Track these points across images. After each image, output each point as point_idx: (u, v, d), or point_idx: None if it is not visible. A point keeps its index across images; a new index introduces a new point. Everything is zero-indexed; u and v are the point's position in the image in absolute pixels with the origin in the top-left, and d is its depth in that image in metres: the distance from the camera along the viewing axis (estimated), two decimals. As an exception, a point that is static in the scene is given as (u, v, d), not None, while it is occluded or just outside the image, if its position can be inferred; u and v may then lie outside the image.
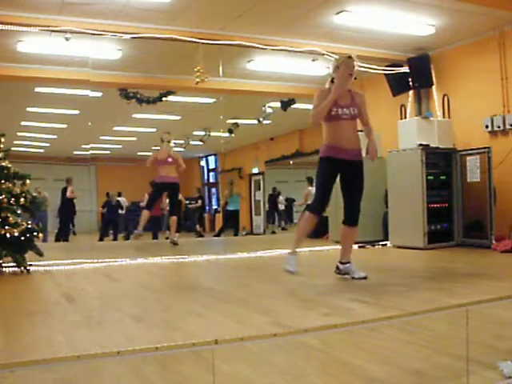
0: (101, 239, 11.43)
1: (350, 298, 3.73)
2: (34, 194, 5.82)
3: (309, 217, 4.46)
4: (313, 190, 11.24)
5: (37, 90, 9.22)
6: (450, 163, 7.33)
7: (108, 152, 14.51)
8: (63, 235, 10.90)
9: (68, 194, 10.75)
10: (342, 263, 4.57)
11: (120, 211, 12.47)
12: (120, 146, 14.66)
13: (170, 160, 8.10)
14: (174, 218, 8.28)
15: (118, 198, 12.59)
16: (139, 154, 13.67)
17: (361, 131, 4.60)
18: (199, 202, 13.67)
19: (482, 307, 3.19)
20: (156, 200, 8.52)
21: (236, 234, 12.62)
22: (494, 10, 6.38)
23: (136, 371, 2.63)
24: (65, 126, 12.03)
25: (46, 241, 6.10)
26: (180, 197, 9.05)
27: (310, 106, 4.48)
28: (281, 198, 14.45)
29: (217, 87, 8.75)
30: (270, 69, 8.68)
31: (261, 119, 11.38)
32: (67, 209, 10.98)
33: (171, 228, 8.40)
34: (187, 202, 12.97)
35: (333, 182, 4.49)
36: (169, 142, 8.25)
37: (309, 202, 11.28)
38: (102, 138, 13.08)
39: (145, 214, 8.15)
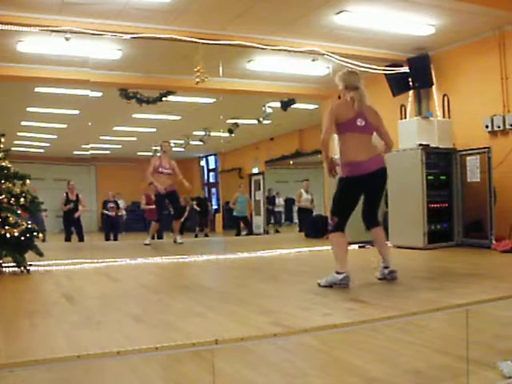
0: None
1: (349, 298, 3.73)
2: (34, 194, 5.81)
3: (338, 238, 4.30)
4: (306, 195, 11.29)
5: (37, 90, 9.22)
6: (450, 163, 7.33)
7: (108, 152, 14.50)
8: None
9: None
10: (385, 268, 4.42)
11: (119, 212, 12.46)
12: (120, 146, 14.66)
13: (168, 170, 8.24)
14: (177, 221, 8.74)
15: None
16: (139, 153, 13.69)
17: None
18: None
19: (482, 307, 3.19)
20: (163, 210, 8.77)
21: (248, 234, 12.68)
22: (494, 9, 6.38)
23: (136, 371, 2.63)
24: (65, 126, 12.03)
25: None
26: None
27: (310, 106, 4.47)
28: (278, 200, 14.49)
29: (217, 87, 8.75)
30: (270, 69, 8.68)
31: (261, 119, 11.38)
32: None
33: (174, 230, 8.75)
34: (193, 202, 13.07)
35: (358, 201, 4.38)
36: (165, 152, 8.38)
37: (302, 204, 11.36)
38: (102, 138, 13.07)
39: (155, 226, 8.67)
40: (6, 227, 5.35)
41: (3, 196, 5.45)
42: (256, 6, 6.21)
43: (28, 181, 5.72)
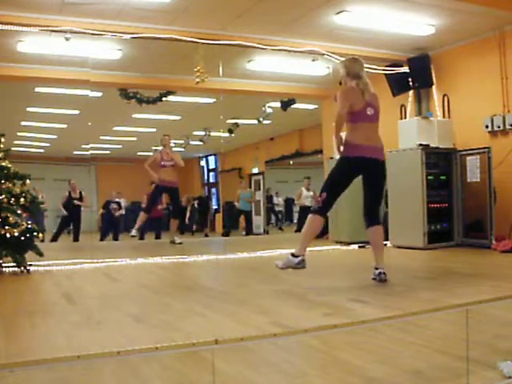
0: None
1: (350, 298, 3.73)
2: (34, 194, 5.81)
3: (317, 219, 4.27)
4: (307, 192, 11.26)
5: (37, 90, 9.22)
6: (450, 163, 7.33)
7: (108, 152, 14.50)
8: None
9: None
10: (376, 268, 4.31)
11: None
12: (120, 146, 14.65)
13: (171, 163, 8.26)
14: (176, 220, 8.74)
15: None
16: (139, 154, 13.67)
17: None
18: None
19: (482, 307, 3.19)
20: (155, 202, 8.78)
21: (248, 234, 12.67)
22: (494, 9, 6.38)
23: (136, 371, 2.63)
24: (65, 126, 12.03)
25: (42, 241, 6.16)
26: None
27: (310, 106, 4.45)
28: (277, 199, 14.49)
29: (217, 87, 8.76)
30: (270, 69, 8.68)
31: (261, 119, 11.38)
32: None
33: (172, 229, 8.80)
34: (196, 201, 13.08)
35: (350, 183, 4.36)
36: (165, 145, 8.43)
37: (302, 202, 11.32)
38: (102, 138, 13.07)
39: (142, 217, 8.62)
40: (6, 227, 5.35)
41: (3, 196, 5.45)
42: (256, 6, 6.21)
43: (28, 181, 5.72)
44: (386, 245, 7.40)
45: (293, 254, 4.18)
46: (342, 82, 4.44)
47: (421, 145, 7.14)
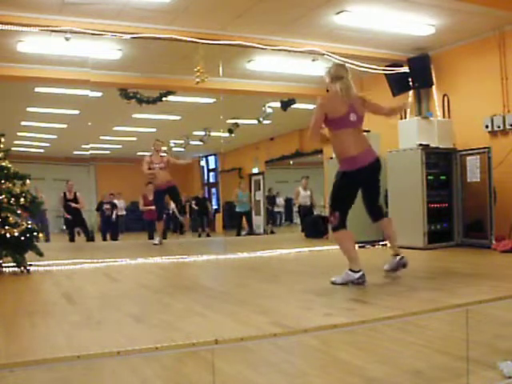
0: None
1: (350, 298, 3.73)
2: (34, 194, 5.82)
3: (343, 234, 4.33)
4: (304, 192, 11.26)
5: (37, 90, 9.22)
6: (450, 163, 7.33)
7: (108, 152, 14.50)
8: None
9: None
10: (395, 255, 4.57)
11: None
12: (120, 146, 14.65)
13: (160, 166, 8.37)
14: (186, 217, 8.87)
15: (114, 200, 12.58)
16: (139, 154, 13.67)
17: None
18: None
19: (482, 307, 3.19)
20: (162, 207, 8.82)
21: (249, 234, 12.71)
22: (494, 9, 6.38)
23: (136, 371, 2.63)
24: (65, 126, 12.03)
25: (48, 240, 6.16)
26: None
27: (310, 106, 4.44)
28: (279, 200, 14.50)
29: (217, 87, 8.76)
30: (270, 69, 8.68)
31: (261, 119, 11.38)
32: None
33: (185, 227, 8.83)
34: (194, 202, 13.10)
35: (356, 194, 4.38)
36: (157, 150, 8.49)
37: (301, 201, 11.33)
38: (101, 138, 13.07)
39: (159, 225, 8.72)
40: (6, 227, 5.35)
41: (3, 196, 5.45)
42: (256, 6, 6.21)
43: (28, 181, 5.72)
44: (385, 245, 7.44)
45: (352, 270, 4.16)
46: (328, 88, 4.47)
47: (421, 145, 7.14)
